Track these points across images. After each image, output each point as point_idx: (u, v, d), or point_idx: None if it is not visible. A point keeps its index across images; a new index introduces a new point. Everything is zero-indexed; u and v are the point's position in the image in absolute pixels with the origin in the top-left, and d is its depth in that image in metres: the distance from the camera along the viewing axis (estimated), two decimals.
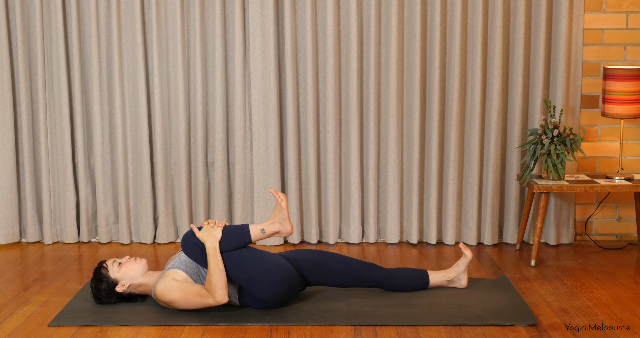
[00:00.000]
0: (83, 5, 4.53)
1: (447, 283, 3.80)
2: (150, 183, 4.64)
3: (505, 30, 4.50)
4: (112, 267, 3.58)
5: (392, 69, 4.50)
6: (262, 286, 3.44)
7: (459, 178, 4.62)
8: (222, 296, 3.36)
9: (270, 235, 3.53)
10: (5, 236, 4.66)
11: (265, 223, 3.53)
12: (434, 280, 3.78)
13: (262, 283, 3.43)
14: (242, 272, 3.43)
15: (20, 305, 3.66)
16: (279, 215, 3.55)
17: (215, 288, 3.36)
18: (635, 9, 4.53)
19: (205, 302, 3.39)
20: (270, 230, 3.53)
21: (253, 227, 3.50)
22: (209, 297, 3.37)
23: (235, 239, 3.46)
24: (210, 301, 3.38)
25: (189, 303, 3.42)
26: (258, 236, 3.50)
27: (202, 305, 3.40)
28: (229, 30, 4.55)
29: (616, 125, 4.61)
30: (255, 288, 3.44)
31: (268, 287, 3.44)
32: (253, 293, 3.46)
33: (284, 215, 3.54)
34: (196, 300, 3.40)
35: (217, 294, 3.36)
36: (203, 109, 4.59)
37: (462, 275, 3.79)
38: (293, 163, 4.60)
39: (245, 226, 3.49)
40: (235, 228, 3.49)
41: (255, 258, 3.46)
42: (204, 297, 3.38)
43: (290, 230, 3.55)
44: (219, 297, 3.36)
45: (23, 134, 4.62)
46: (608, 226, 4.74)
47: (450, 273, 3.78)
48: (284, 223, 3.54)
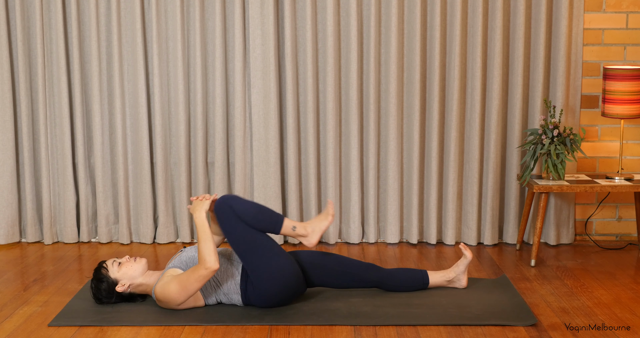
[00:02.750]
0: (83, 5, 4.53)
1: (446, 283, 3.80)
2: (150, 183, 4.64)
3: (505, 30, 4.50)
4: (112, 267, 3.58)
5: (392, 69, 4.50)
6: (272, 281, 3.45)
7: (459, 178, 4.62)
8: (213, 262, 3.37)
9: (296, 235, 3.58)
10: (5, 236, 4.67)
11: (301, 223, 3.59)
12: (433, 280, 3.78)
13: (272, 276, 3.45)
14: (257, 258, 3.45)
15: (20, 305, 3.66)
16: (319, 224, 3.60)
17: (204, 255, 3.38)
18: (635, 9, 4.53)
19: (199, 274, 3.38)
20: (300, 232, 3.57)
21: (287, 220, 3.55)
22: (200, 267, 3.38)
23: (265, 221, 3.51)
24: (202, 271, 3.38)
25: (186, 287, 3.41)
26: (287, 231, 3.55)
27: (197, 279, 3.39)
28: (229, 30, 4.55)
29: (616, 125, 4.61)
30: (264, 281, 3.45)
31: (277, 281, 3.46)
32: (259, 286, 3.47)
33: (323, 226, 3.59)
34: (192, 278, 3.40)
35: (206, 261, 3.37)
36: (203, 109, 4.59)
37: (462, 275, 3.79)
38: (293, 163, 4.60)
39: (281, 217, 3.54)
40: (272, 214, 3.53)
41: (274, 250, 3.48)
42: (197, 270, 3.39)
43: (314, 243, 3.59)
44: (209, 264, 3.37)
45: (23, 134, 4.62)
46: (608, 226, 4.74)
47: (450, 273, 3.79)
48: (315, 234, 3.59)
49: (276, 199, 4.61)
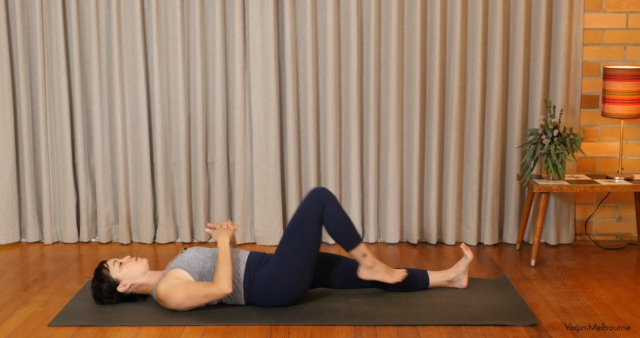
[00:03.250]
0: (83, 5, 4.53)
1: (447, 283, 3.80)
2: (150, 183, 4.64)
3: (505, 30, 4.50)
4: (114, 267, 3.57)
5: (392, 69, 4.50)
6: (286, 287, 3.50)
7: (459, 178, 4.62)
8: (227, 286, 3.40)
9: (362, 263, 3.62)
10: (5, 236, 4.66)
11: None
12: (433, 280, 3.78)
13: (289, 284, 3.50)
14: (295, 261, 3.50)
15: (20, 305, 3.66)
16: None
17: (222, 277, 3.41)
18: (635, 9, 4.53)
19: (210, 292, 3.41)
20: (367, 262, 3.62)
21: (363, 245, 3.60)
22: (213, 286, 3.40)
23: (343, 235, 3.56)
24: (214, 290, 3.40)
25: (192, 298, 3.42)
26: (357, 254, 3.60)
27: (206, 296, 3.41)
28: (229, 30, 4.55)
29: (616, 125, 4.61)
30: (279, 282, 3.49)
31: (289, 289, 3.50)
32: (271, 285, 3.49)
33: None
34: (200, 292, 3.41)
35: (222, 282, 3.40)
36: (203, 109, 4.59)
37: (462, 275, 3.79)
38: (293, 163, 4.60)
39: (360, 239, 3.60)
40: (353, 232, 3.58)
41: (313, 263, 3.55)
42: (209, 287, 3.41)
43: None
44: (223, 285, 3.40)
45: (23, 134, 4.62)
46: (608, 226, 4.74)
47: (451, 273, 3.79)
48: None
49: (276, 199, 4.61)
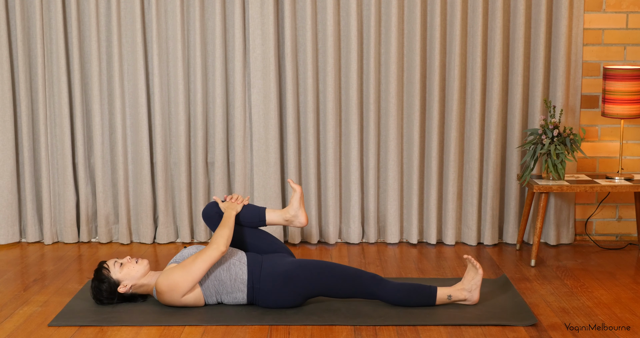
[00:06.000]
0: (83, 5, 4.53)
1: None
2: (150, 183, 4.64)
3: (505, 30, 4.50)
4: (114, 268, 3.57)
5: (392, 69, 4.50)
6: (294, 296, 3.51)
7: (459, 178, 4.62)
8: (223, 244, 3.51)
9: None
10: (5, 236, 4.66)
11: (454, 288, 3.59)
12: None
13: (294, 293, 3.50)
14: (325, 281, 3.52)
15: (20, 305, 3.66)
16: (472, 281, 3.59)
17: (218, 238, 3.50)
18: (635, 9, 4.53)
19: (206, 254, 3.46)
20: (459, 297, 3.55)
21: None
22: (208, 248, 3.47)
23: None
24: (210, 251, 3.46)
25: (192, 271, 3.45)
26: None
27: (204, 260, 3.45)
28: (229, 30, 4.55)
29: (616, 125, 4.61)
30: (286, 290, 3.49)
31: (296, 298, 3.51)
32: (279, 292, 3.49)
33: (478, 281, 3.57)
34: (197, 260, 3.45)
35: (218, 243, 3.49)
36: (203, 109, 4.59)
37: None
38: (293, 163, 4.60)
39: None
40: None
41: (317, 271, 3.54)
42: (204, 251, 3.47)
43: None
44: (218, 245, 3.48)
45: (23, 134, 4.62)
46: (608, 226, 4.74)
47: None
48: (475, 291, 3.58)
49: (276, 199, 4.61)
